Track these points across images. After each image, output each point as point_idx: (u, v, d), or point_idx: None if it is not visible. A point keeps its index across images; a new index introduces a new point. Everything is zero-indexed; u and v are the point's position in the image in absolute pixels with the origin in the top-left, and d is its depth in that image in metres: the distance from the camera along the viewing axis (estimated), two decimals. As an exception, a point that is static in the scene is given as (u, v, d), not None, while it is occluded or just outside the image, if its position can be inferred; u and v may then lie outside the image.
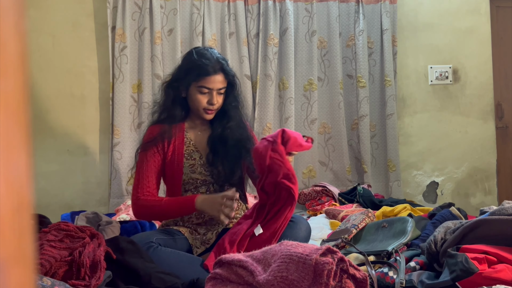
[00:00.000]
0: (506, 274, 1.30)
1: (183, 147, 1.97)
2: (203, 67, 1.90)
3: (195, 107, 1.95)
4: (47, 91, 3.00)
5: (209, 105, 1.93)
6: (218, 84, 1.92)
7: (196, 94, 1.92)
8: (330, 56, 3.37)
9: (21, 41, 0.35)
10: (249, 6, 3.24)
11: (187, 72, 1.93)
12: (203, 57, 1.93)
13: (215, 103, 1.93)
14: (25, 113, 0.35)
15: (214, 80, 1.91)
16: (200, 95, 1.92)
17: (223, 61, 1.96)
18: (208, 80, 1.90)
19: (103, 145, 3.09)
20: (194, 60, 1.93)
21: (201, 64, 1.91)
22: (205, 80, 1.90)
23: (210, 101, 1.92)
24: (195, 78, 1.91)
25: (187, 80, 1.92)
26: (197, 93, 1.92)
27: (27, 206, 0.35)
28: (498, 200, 3.65)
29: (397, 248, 1.69)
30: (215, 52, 1.99)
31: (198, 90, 1.91)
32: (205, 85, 1.90)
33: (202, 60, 1.92)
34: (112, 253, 1.48)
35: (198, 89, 1.91)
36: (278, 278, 1.12)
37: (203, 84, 1.90)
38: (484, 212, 1.84)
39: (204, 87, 1.91)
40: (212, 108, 1.94)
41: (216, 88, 1.92)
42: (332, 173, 3.37)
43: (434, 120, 3.59)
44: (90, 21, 3.08)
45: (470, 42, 3.62)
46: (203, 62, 1.91)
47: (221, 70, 1.93)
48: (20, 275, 0.34)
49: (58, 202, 2.99)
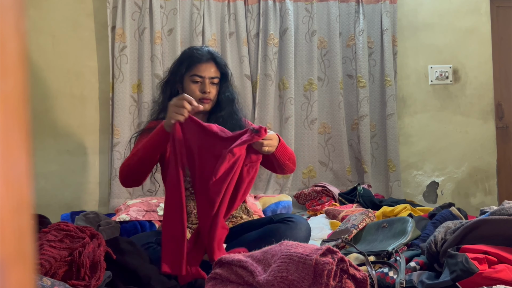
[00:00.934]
0: (506, 274, 1.30)
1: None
2: (194, 55, 1.98)
3: None
4: (47, 91, 3.00)
5: (203, 94, 1.95)
6: (210, 73, 1.96)
7: (190, 85, 1.96)
8: (330, 56, 3.37)
9: (21, 41, 0.35)
10: (249, 6, 3.24)
11: (179, 64, 2.00)
12: (194, 49, 2.04)
13: (208, 92, 1.95)
14: (25, 113, 0.35)
15: (205, 68, 1.96)
16: (193, 85, 1.95)
17: (214, 52, 2.04)
18: (199, 68, 1.96)
19: (103, 145, 3.08)
20: (186, 52, 2.05)
21: (192, 54, 2.00)
22: (196, 68, 1.96)
23: (202, 90, 1.95)
24: (187, 67, 1.96)
25: (180, 72, 1.97)
26: (190, 84, 1.96)
27: (27, 206, 0.35)
28: (498, 200, 3.65)
29: (397, 248, 1.69)
30: (207, 47, 2.09)
31: (191, 79, 1.96)
32: (197, 73, 1.95)
33: (193, 51, 2.02)
34: (112, 253, 1.48)
35: (191, 79, 1.96)
36: (278, 278, 1.12)
37: (195, 72, 1.95)
38: (484, 212, 1.84)
39: (196, 75, 1.95)
40: (206, 97, 1.95)
41: (208, 76, 1.96)
42: (332, 173, 3.37)
43: (434, 120, 3.59)
44: (90, 21, 3.08)
45: (470, 42, 3.62)
46: (194, 53, 2.00)
47: (212, 59, 1.99)
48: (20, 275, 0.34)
49: (58, 202, 2.99)
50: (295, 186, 3.29)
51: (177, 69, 1.99)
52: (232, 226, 1.97)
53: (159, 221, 2.50)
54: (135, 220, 2.48)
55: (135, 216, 2.47)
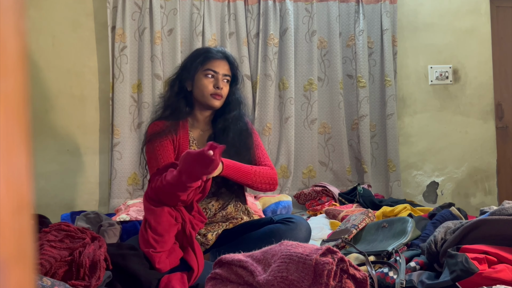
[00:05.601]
0: (506, 274, 1.30)
1: (188, 146, 1.96)
2: (209, 51, 2.01)
3: (202, 94, 1.95)
4: (47, 91, 3.00)
5: (216, 90, 1.94)
6: (224, 70, 1.97)
7: (202, 79, 1.95)
8: (330, 56, 3.37)
9: (21, 41, 0.35)
10: (249, 6, 3.24)
11: (193, 60, 1.99)
12: (207, 47, 2.10)
13: (221, 87, 1.94)
14: (25, 113, 0.35)
15: (219, 64, 1.97)
16: (206, 80, 1.94)
17: (228, 53, 2.05)
18: (214, 63, 1.96)
19: (103, 145, 3.09)
20: (200, 49, 2.10)
21: (207, 50, 2.03)
22: (211, 63, 1.96)
23: (216, 85, 1.94)
24: (201, 62, 1.96)
25: (194, 66, 1.96)
26: (203, 79, 1.95)
27: (27, 206, 0.35)
28: (498, 200, 3.65)
29: (397, 248, 1.69)
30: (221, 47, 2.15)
31: (204, 74, 1.95)
32: (211, 67, 1.95)
33: (208, 48, 2.07)
34: (110, 262, 1.47)
35: (204, 73, 1.95)
36: (278, 278, 1.12)
37: (209, 67, 1.95)
38: (484, 212, 1.84)
39: (210, 69, 1.95)
40: (219, 93, 1.94)
41: (222, 72, 1.96)
42: (332, 173, 3.37)
43: (434, 120, 3.59)
44: (90, 21, 3.08)
45: (470, 42, 3.62)
46: (209, 49, 2.03)
47: (226, 58, 2.01)
48: (20, 275, 0.34)
49: (58, 202, 2.99)
50: (295, 186, 3.29)
51: (191, 64, 1.98)
52: (232, 227, 1.97)
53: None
54: (135, 220, 2.48)
55: (135, 216, 2.46)
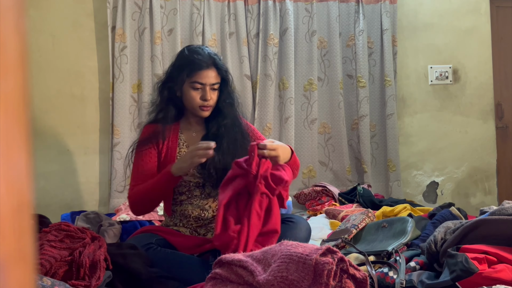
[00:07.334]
0: (506, 274, 1.30)
1: (176, 148, 1.96)
2: (195, 62, 1.90)
3: (190, 105, 1.93)
4: (47, 91, 3.00)
5: (203, 102, 1.91)
6: (211, 79, 1.91)
7: (190, 91, 1.91)
8: (330, 56, 3.37)
9: (21, 41, 0.35)
10: (249, 6, 3.24)
11: (179, 69, 1.93)
12: (194, 53, 1.93)
13: (209, 99, 1.90)
14: (25, 113, 0.35)
15: (206, 75, 1.90)
16: (193, 92, 1.90)
17: (215, 56, 1.96)
18: (200, 75, 1.89)
19: (103, 145, 3.08)
20: (186, 56, 1.94)
21: (193, 59, 1.91)
22: (197, 75, 1.89)
23: (203, 97, 1.90)
24: (187, 74, 1.90)
25: (181, 77, 1.91)
26: (190, 90, 1.91)
27: (27, 206, 0.35)
28: (498, 200, 3.65)
29: (397, 248, 1.69)
30: (206, 48, 1.99)
31: (191, 86, 1.90)
32: (197, 80, 1.89)
33: (193, 55, 1.92)
34: (110, 262, 1.47)
35: (191, 85, 1.90)
36: (278, 278, 1.12)
37: (195, 79, 1.89)
38: (484, 212, 1.84)
39: (196, 82, 1.89)
40: (206, 104, 1.91)
41: (209, 83, 1.90)
42: (332, 173, 3.37)
43: (434, 120, 3.59)
44: (90, 21, 3.08)
45: (470, 42, 3.62)
46: (195, 58, 1.91)
47: (213, 65, 1.93)
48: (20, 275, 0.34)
49: (58, 202, 2.99)
50: (295, 186, 3.29)
51: (177, 75, 1.92)
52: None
53: (159, 221, 2.50)
54: (135, 220, 2.48)
55: (135, 216, 2.47)
